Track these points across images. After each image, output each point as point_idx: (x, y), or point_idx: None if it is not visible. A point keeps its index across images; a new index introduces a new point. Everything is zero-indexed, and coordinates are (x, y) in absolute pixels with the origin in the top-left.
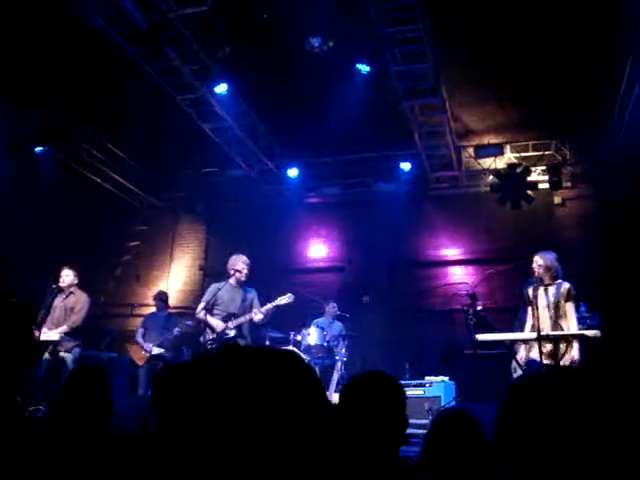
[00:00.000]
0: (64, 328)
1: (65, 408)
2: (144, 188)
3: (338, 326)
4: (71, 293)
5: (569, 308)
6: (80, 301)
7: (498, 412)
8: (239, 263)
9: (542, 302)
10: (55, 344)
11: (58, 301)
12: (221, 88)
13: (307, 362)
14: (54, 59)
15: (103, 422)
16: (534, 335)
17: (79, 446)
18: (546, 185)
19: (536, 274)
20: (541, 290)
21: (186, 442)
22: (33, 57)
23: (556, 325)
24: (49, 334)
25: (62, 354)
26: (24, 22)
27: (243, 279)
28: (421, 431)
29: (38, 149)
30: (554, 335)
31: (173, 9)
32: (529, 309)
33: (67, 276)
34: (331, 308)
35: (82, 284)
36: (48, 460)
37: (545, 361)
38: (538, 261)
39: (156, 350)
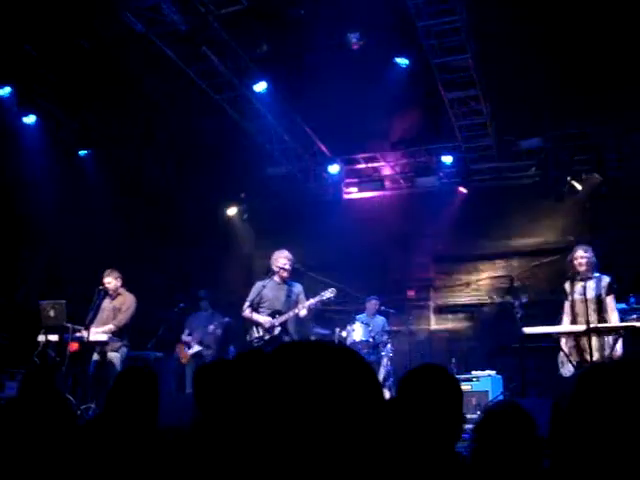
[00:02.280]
0: (110, 327)
1: (115, 408)
2: (185, 187)
3: (380, 321)
4: (118, 294)
5: (610, 302)
6: (127, 301)
7: (561, 402)
8: (281, 259)
9: (580, 296)
10: (103, 344)
11: (106, 303)
12: (260, 86)
13: (358, 354)
14: (95, 64)
15: (151, 422)
16: (583, 328)
17: (128, 445)
18: (591, 174)
19: (580, 268)
20: (579, 284)
21: (237, 436)
22: (75, 62)
23: (601, 318)
24: (98, 335)
25: (110, 354)
26: (65, 29)
27: (286, 275)
28: (469, 426)
29: (82, 152)
30: (604, 327)
31: (211, 10)
32: (566, 305)
33: (109, 283)
34: (372, 304)
35: (129, 284)
36: (98, 458)
37: (594, 355)
38: (583, 255)
39: (196, 348)
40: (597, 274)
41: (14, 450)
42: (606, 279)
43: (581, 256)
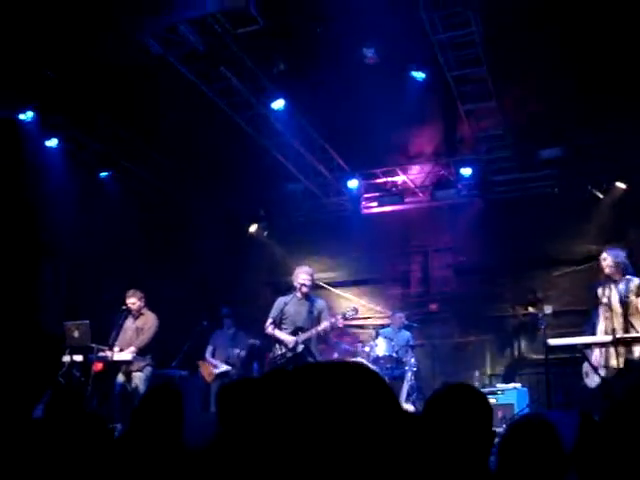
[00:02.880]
0: (132, 349)
1: (140, 426)
2: (206, 205)
3: (405, 336)
4: (141, 314)
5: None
6: (148, 321)
7: (588, 416)
8: (301, 275)
9: (607, 300)
10: (128, 364)
11: (129, 323)
12: (278, 104)
13: (378, 374)
14: (114, 86)
15: (176, 440)
16: (609, 338)
17: (153, 464)
18: (612, 182)
19: (606, 271)
20: (609, 288)
21: (255, 454)
22: (95, 85)
23: (627, 323)
24: (122, 354)
25: (135, 374)
26: (84, 51)
27: (306, 290)
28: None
29: (103, 173)
30: (632, 337)
31: (227, 30)
32: (600, 310)
33: (133, 304)
34: (397, 318)
35: (152, 304)
36: (125, 477)
37: (620, 363)
38: (606, 258)
39: (223, 368)
40: (628, 276)
41: (44, 471)
42: (635, 281)
43: (604, 258)
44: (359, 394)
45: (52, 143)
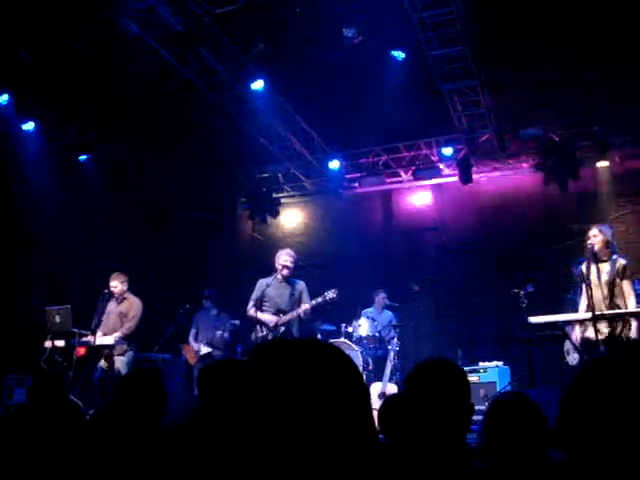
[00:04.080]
0: (118, 334)
1: (120, 406)
2: (187, 188)
3: (388, 316)
4: (124, 299)
5: (626, 286)
6: (133, 307)
7: (566, 394)
8: (282, 257)
9: (595, 279)
10: (110, 348)
11: (112, 307)
12: (257, 85)
13: (349, 356)
14: (92, 67)
15: (156, 420)
16: (589, 315)
17: (131, 442)
18: (593, 161)
19: (592, 248)
20: (594, 267)
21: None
22: (72, 67)
23: (612, 304)
24: (104, 339)
25: (117, 358)
26: (60, 33)
27: (287, 273)
28: (478, 417)
29: (82, 157)
30: (610, 314)
31: (206, 10)
32: (583, 287)
33: (115, 287)
34: (380, 298)
35: (134, 287)
36: (104, 457)
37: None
38: (597, 235)
39: (205, 349)
40: (614, 256)
41: (27, 456)
42: (621, 262)
43: (594, 235)
44: (321, 370)
45: (29, 127)
